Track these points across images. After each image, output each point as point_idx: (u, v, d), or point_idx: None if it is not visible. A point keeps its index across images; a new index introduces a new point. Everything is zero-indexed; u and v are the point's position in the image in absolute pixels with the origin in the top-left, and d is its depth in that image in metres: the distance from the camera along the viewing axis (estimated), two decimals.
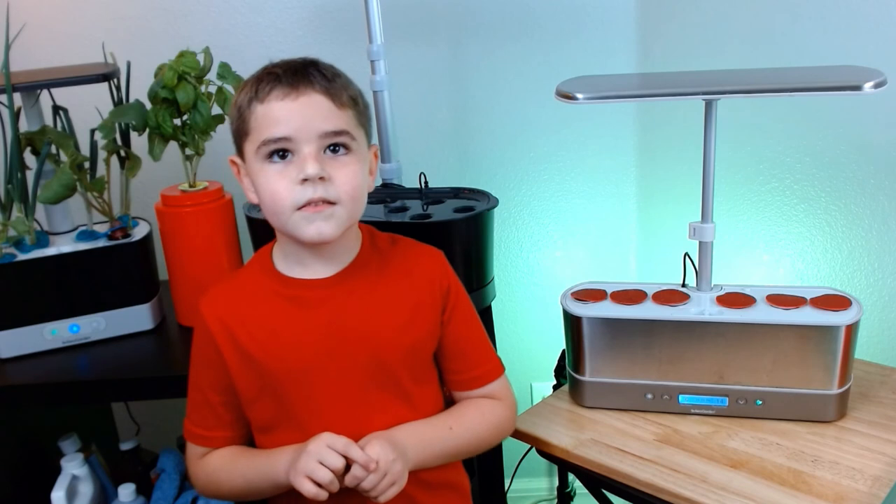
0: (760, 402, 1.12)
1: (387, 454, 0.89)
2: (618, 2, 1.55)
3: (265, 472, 0.94)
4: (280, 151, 0.88)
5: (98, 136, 1.26)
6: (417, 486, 0.97)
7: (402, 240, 1.03)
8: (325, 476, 0.86)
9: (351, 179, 0.90)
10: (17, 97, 1.25)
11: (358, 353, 0.95)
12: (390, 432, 0.95)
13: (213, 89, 1.25)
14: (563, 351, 1.25)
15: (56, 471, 1.32)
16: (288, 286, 0.96)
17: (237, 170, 0.96)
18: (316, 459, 0.87)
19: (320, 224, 0.89)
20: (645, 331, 1.13)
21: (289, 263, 0.97)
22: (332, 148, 0.89)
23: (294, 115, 0.87)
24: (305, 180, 0.87)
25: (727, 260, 1.49)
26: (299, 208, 0.88)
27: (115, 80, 1.30)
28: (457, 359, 1.02)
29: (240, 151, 0.94)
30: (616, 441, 1.12)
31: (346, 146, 0.90)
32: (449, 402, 1.05)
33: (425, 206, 1.31)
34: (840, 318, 1.07)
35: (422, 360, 1.00)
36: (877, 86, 0.99)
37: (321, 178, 0.87)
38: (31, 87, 1.25)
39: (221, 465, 0.99)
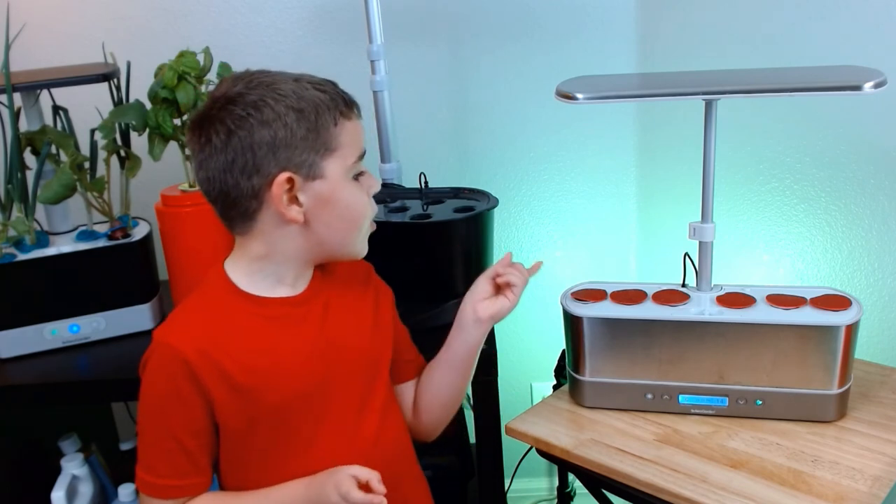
0: (760, 402, 1.12)
1: None
2: (618, 2, 1.55)
3: None
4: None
5: (98, 136, 1.26)
6: (402, 481, 0.99)
7: None
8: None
9: None
10: (17, 97, 1.25)
11: (355, 362, 0.96)
12: None
13: (212, 89, 1.25)
14: (563, 351, 1.25)
15: (56, 471, 1.32)
16: (266, 306, 0.91)
17: (292, 186, 0.85)
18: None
19: None
20: (645, 331, 1.13)
21: (254, 281, 0.91)
22: None
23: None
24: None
25: (727, 260, 1.49)
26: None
27: (115, 80, 1.30)
28: (403, 346, 1.06)
29: (301, 168, 0.86)
30: (616, 441, 1.11)
31: None
32: None
33: (425, 206, 1.31)
34: (840, 318, 1.07)
35: (390, 355, 1.03)
36: (877, 86, 0.99)
37: None
38: (31, 87, 1.25)
39: None
